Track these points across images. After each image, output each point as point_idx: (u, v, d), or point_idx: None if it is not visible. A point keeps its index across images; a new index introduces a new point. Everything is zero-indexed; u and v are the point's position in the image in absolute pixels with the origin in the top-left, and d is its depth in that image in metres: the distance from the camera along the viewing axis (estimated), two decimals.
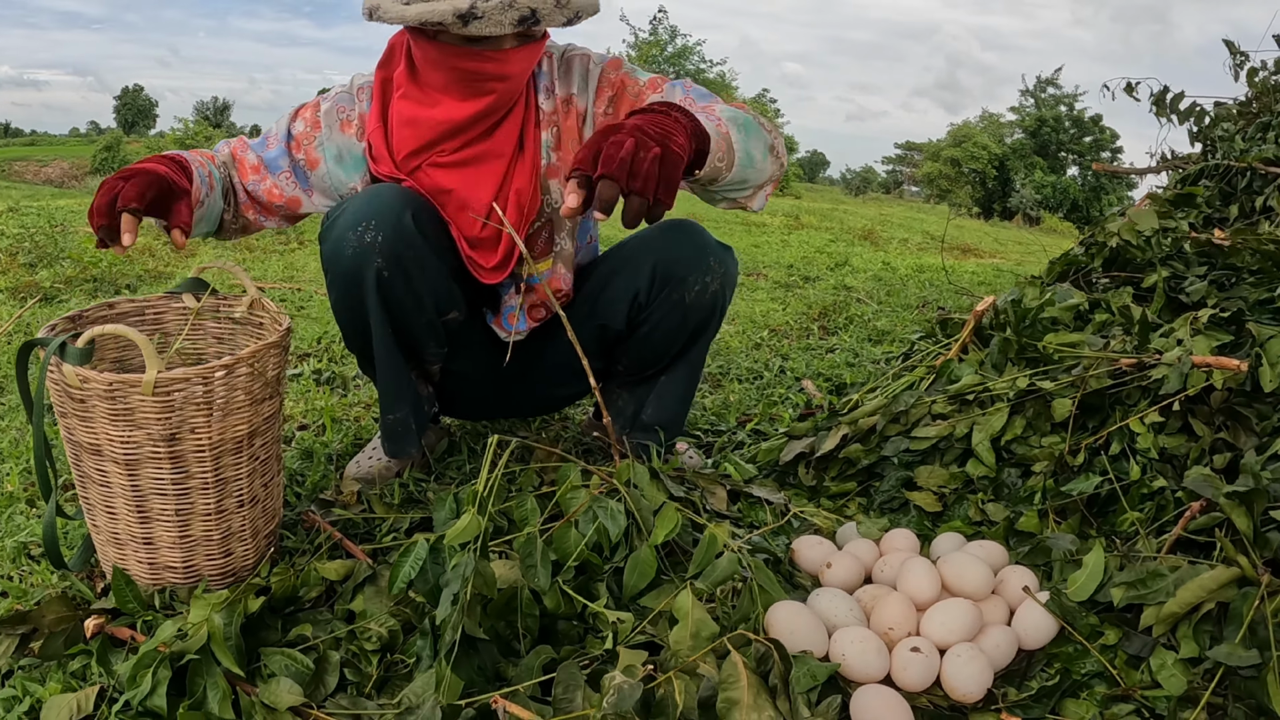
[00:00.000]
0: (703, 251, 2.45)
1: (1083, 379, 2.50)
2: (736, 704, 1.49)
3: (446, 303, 2.41)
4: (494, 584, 1.78)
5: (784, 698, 1.54)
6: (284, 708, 1.62)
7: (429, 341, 2.44)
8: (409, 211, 2.23)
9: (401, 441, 2.52)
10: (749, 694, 1.50)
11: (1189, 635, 1.78)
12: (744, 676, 1.52)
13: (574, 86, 2.40)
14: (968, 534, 2.31)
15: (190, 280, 2.28)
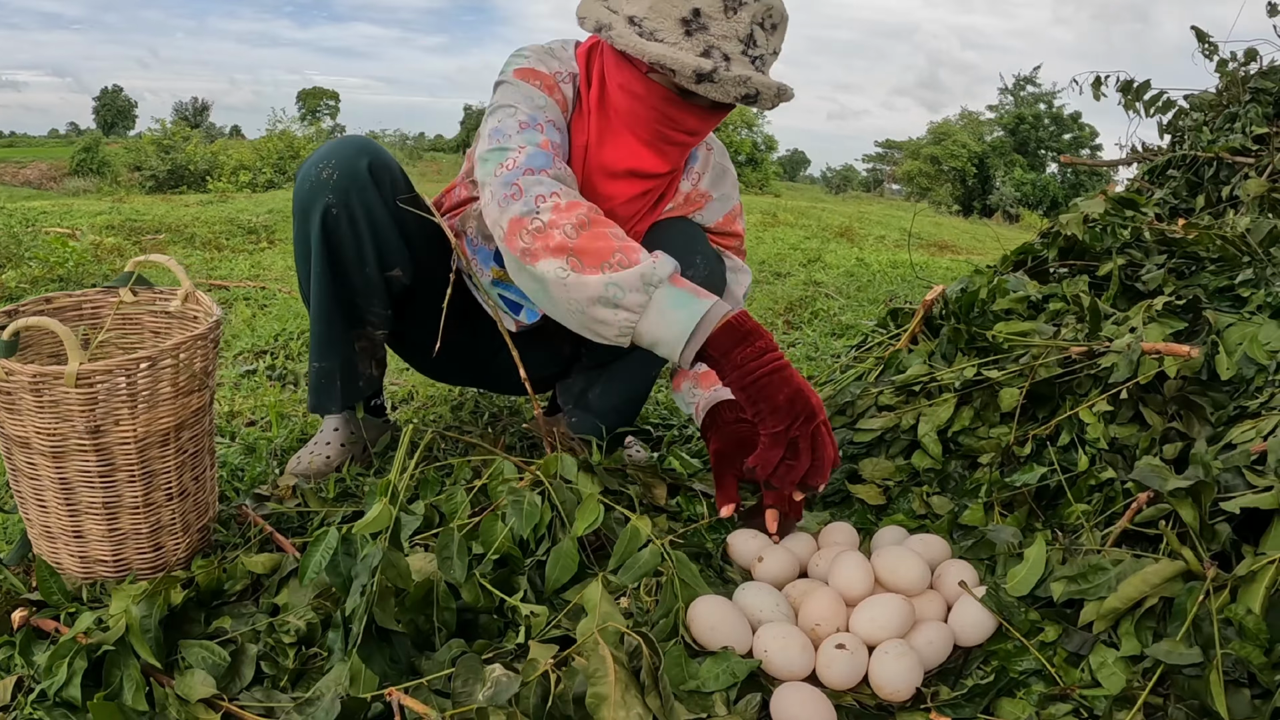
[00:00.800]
0: (691, 249, 2.46)
1: (1031, 368, 2.42)
2: (605, 699, 1.43)
3: (391, 257, 2.44)
4: (408, 576, 1.74)
5: (654, 694, 1.48)
6: (196, 699, 1.60)
7: (372, 299, 2.46)
8: (366, 159, 2.33)
9: (323, 395, 2.53)
10: (617, 689, 1.44)
11: (1131, 632, 1.69)
12: (612, 671, 1.45)
13: (714, 192, 2.56)
14: (911, 527, 2.23)
15: (126, 274, 2.26)
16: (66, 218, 8.01)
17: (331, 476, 2.56)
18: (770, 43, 2.15)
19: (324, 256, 2.37)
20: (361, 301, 2.44)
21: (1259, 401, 2.19)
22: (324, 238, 2.35)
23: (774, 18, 2.13)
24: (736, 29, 2.07)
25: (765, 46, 2.13)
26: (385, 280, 2.45)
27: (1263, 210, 3.54)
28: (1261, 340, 2.33)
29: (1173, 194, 4.29)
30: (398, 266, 2.46)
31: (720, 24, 2.06)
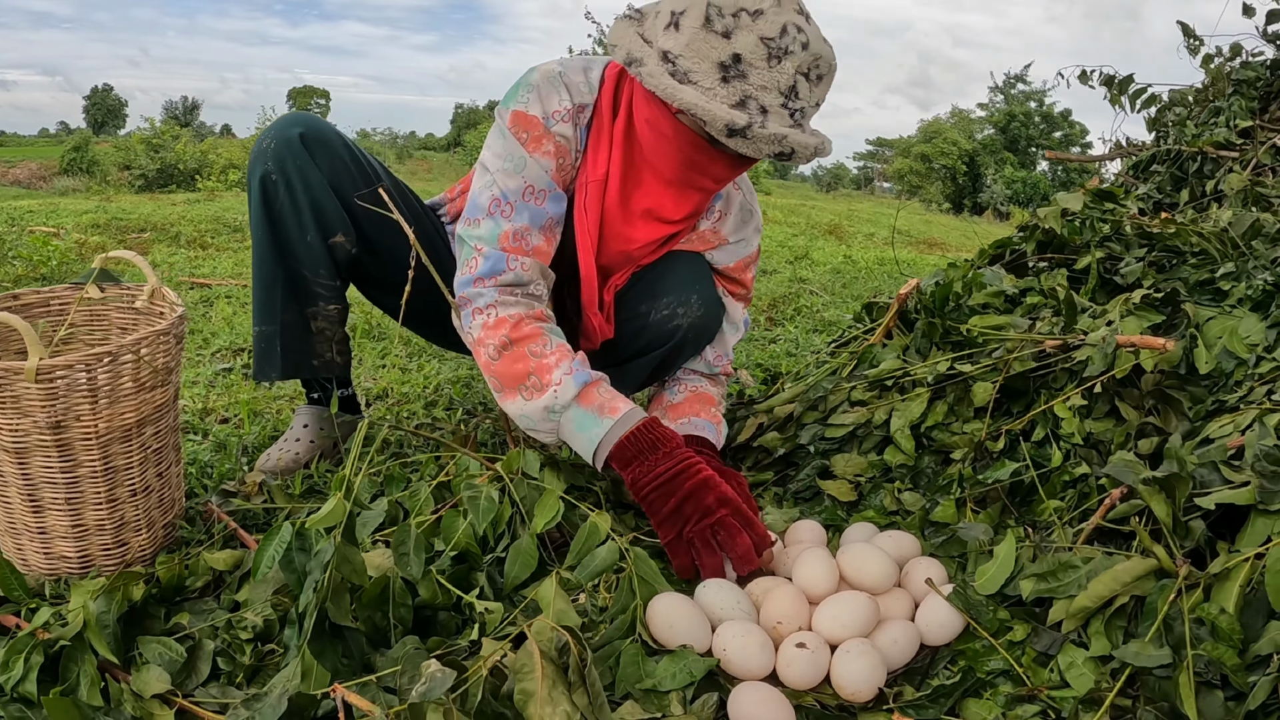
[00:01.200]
0: (690, 286, 2.42)
1: (1005, 362, 2.38)
2: (531, 695, 1.39)
3: (331, 223, 2.43)
4: (363, 571, 1.70)
5: (582, 690, 1.44)
6: (150, 695, 1.59)
7: (317, 267, 2.45)
8: (299, 129, 2.39)
9: (264, 361, 2.51)
10: (544, 685, 1.39)
11: (1101, 631, 1.65)
12: (539, 666, 1.41)
13: (733, 236, 2.50)
14: (882, 524, 2.20)
15: (92, 270, 2.25)
16: (53, 217, 7.97)
17: (299, 473, 2.53)
18: (814, 94, 2.05)
19: (264, 222, 2.40)
20: (308, 272, 2.43)
21: (1238, 395, 2.15)
22: (263, 204, 2.39)
23: (821, 68, 2.03)
24: (778, 80, 1.97)
25: (808, 98, 2.03)
26: (329, 248, 2.45)
27: (1246, 204, 3.51)
28: (1241, 333, 2.30)
29: (1157, 189, 4.26)
30: (340, 233, 2.45)
31: (761, 73, 1.96)
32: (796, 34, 1.96)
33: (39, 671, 1.60)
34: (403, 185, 2.67)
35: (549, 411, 2.11)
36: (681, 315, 2.39)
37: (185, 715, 1.58)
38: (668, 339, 2.42)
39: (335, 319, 2.54)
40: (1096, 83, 5.09)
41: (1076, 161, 6.41)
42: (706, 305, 2.42)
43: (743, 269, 2.54)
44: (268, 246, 2.42)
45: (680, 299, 2.38)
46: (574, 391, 2.10)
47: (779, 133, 1.94)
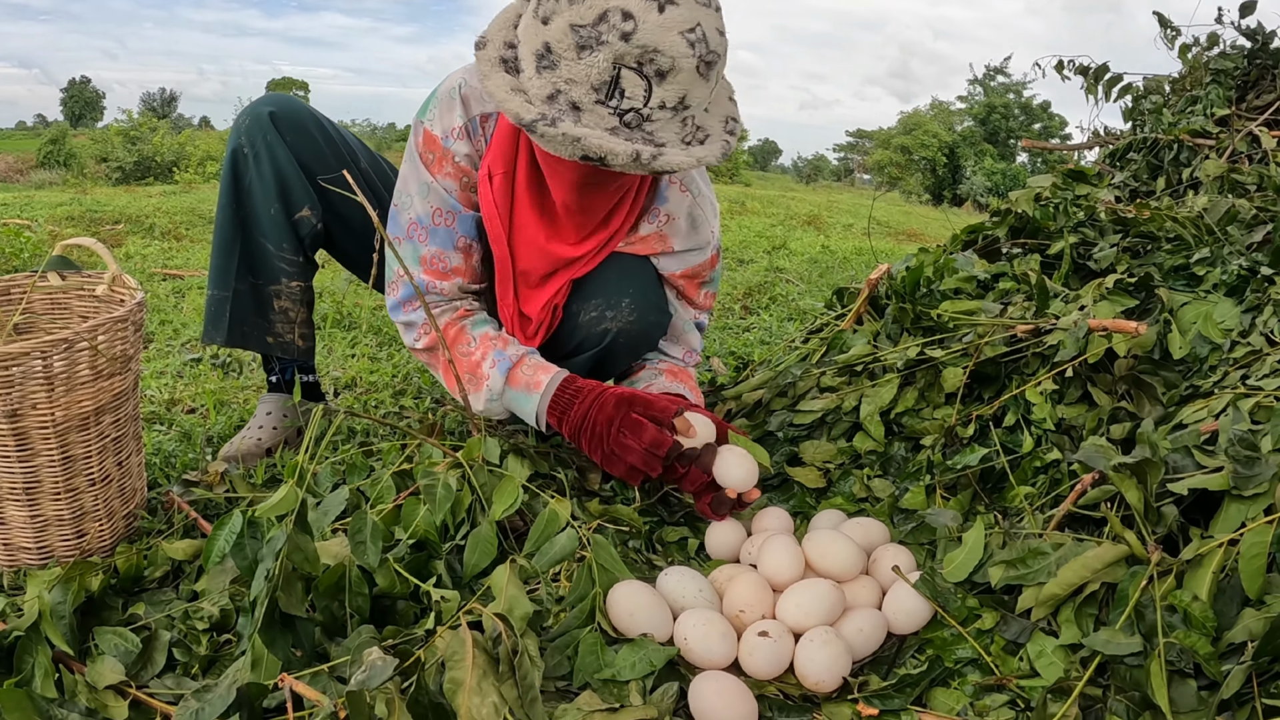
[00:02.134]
0: (621, 289, 2.35)
1: (976, 347, 2.35)
2: (460, 685, 1.34)
3: (296, 198, 2.46)
4: (316, 559, 1.65)
5: (511, 682, 1.40)
6: (104, 686, 1.56)
7: (281, 241, 2.48)
8: (270, 108, 2.44)
9: (212, 325, 2.53)
10: (474, 674, 1.35)
11: (1071, 619, 1.63)
12: (470, 655, 1.37)
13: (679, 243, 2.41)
14: (851, 511, 2.17)
15: (55, 259, 2.23)
16: (27, 209, 7.90)
17: (261, 462, 2.50)
18: (656, 94, 1.80)
19: (230, 192, 2.45)
20: (271, 245, 2.46)
21: (1212, 380, 2.13)
22: (232, 175, 2.44)
23: (659, 63, 1.76)
24: (589, 73, 1.77)
25: (643, 98, 1.80)
26: (293, 223, 2.48)
27: (1222, 190, 3.49)
28: (1216, 318, 2.28)
29: (1133, 176, 4.26)
30: (305, 207, 2.47)
31: (570, 64, 1.78)
32: (620, 22, 1.73)
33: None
34: (384, 163, 2.69)
35: (491, 401, 2.27)
36: (610, 319, 2.35)
37: (139, 706, 1.55)
38: (598, 341, 2.39)
39: (298, 297, 2.53)
40: (1071, 72, 5.09)
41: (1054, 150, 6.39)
42: (640, 310, 2.35)
43: (693, 277, 2.47)
44: (230, 215, 2.46)
45: (609, 302, 2.34)
46: (501, 379, 2.25)
47: (573, 133, 1.76)
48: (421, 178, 2.26)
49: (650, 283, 2.39)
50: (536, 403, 2.21)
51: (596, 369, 2.46)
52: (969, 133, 48.57)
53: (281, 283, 2.50)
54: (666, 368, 2.51)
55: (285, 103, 2.50)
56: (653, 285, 2.40)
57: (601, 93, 1.78)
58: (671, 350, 2.55)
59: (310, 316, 2.60)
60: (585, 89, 1.78)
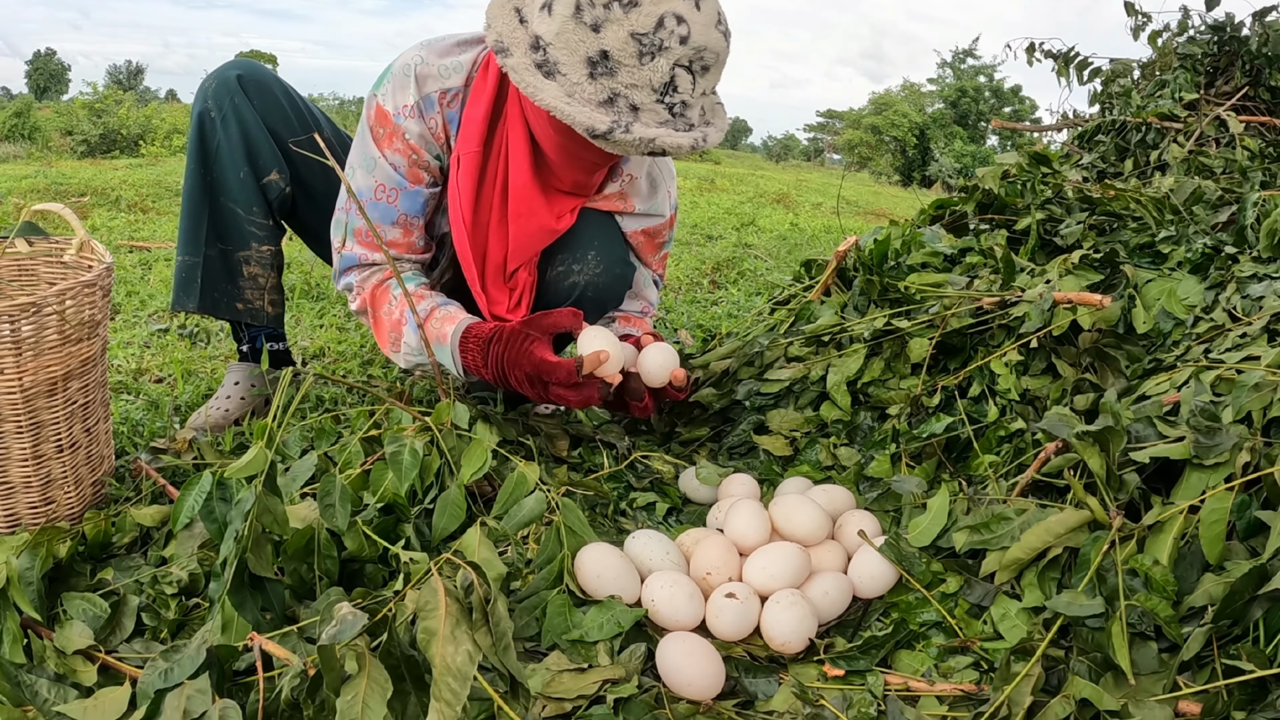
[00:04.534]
0: (587, 243, 2.39)
1: (942, 318, 2.37)
2: (434, 635, 1.35)
3: (264, 161, 2.47)
4: (285, 522, 1.65)
5: (484, 630, 1.41)
6: (73, 650, 1.57)
7: (251, 205, 2.48)
8: (237, 71, 2.44)
9: (183, 291, 2.52)
10: (447, 624, 1.35)
11: (1034, 583, 1.65)
12: (443, 604, 1.37)
13: (640, 204, 2.44)
14: (817, 479, 2.19)
15: (24, 225, 2.22)
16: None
17: (230, 430, 2.50)
18: (699, 85, 1.94)
19: (197, 155, 2.44)
20: (241, 210, 2.46)
21: (1175, 354, 2.16)
22: (199, 140, 2.43)
23: (706, 59, 1.92)
24: (651, 77, 1.87)
25: (689, 91, 1.93)
26: (261, 187, 2.48)
27: (1189, 173, 3.54)
28: (1180, 294, 2.31)
29: (1101, 158, 4.30)
30: (274, 170, 2.48)
31: (632, 70, 1.87)
32: (675, 26, 1.85)
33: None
34: (344, 135, 2.66)
35: (413, 356, 2.31)
36: (577, 272, 2.38)
37: (108, 671, 1.56)
38: (566, 296, 2.41)
39: (269, 262, 2.53)
40: (1041, 55, 5.12)
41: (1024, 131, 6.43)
42: (605, 263, 2.40)
43: (652, 236, 2.51)
44: (199, 180, 2.45)
45: (575, 255, 2.37)
46: (415, 337, 2.25)
47: (647, 136, 1.87)
48: (369, 152, 2.27)
49: (614, 238, 2.43)
50: (449, 355, 2.22)
51: None
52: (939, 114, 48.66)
53: (251, 248, 2.50)
54: (621, 316, 2.55)
55: (251, 67, 2.49)
56: (617, 240, 2.44)
57: (660, 92, 1.89)
58: (630, 305, 2.58)
59: (280, 282, 2.60)
60: (646, 91, 1.90)
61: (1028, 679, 1.44)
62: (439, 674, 1.29)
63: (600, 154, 2.10)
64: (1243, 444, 1.62)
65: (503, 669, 1.41)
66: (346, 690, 1.27)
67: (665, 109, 1.91)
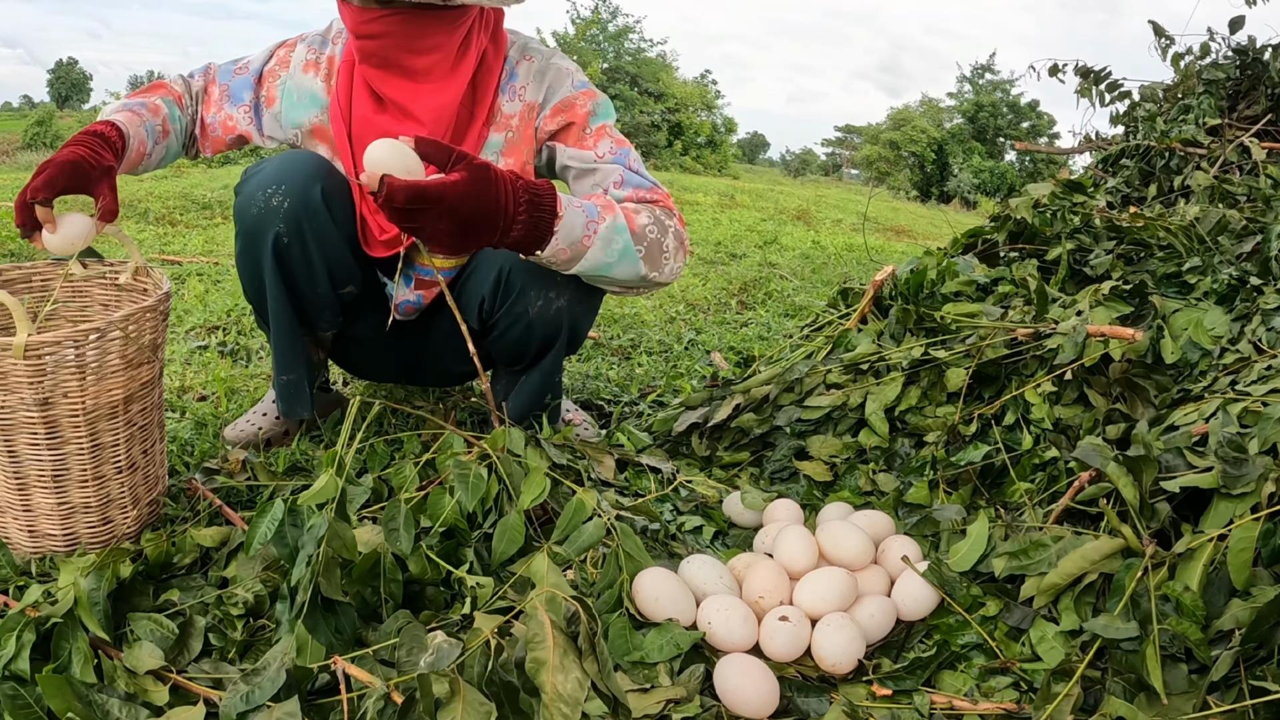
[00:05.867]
0: (540, 274, 2.32)
1: (978, 349, 2.45)
2: (544, 664, 1.44)
3: (344, 277, 2.40)
4: (354, 546, 1.73)
5: (592, 658, 1.49)
6: (144, 671, 1.60)
7: (324, 311, 2.44)
8: (319, 184, 2.26)
9: (294, 403, 2.51)
10: (556, 654, 1.45)
11: (1070, 607, 1.73)
12: (550, 636, 1.46)
13: (541, 95, 2.35)
14: (857, 504, 2.26)
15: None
16: (18, 191, 7.85)
17: (282, 451, 2.54)
18: None
19: (279, 284, 2.34)
20: (312, 313, 2.44)
21: (1202, 385, 2.23)
22: (278, 266, 2.31)
23: None
24: None
25: None
26: (338, 296, 2.44)
27: (1213, 200, 3.59)
28: (1206, 325, 2.37)
29: (1125, 183, 4.34)
30: (350, 284, 2.44)
31: None
32: None
33: (30, 650, 1.59)
34: None
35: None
36: (555, 297, 2.35)
37: (178, 691, 1.59)
38: (557, 325, 2.41)
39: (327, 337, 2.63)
40: (1070, 74, 5.16)
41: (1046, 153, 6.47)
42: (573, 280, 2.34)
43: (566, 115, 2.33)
44: (283, 302, 2.37)
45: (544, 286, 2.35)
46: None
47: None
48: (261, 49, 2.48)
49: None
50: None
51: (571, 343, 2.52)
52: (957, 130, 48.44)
53: (316, 336, 2.57)
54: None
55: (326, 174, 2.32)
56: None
57: None
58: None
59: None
60: None
61: (1068, 698, 1.53)
62: (549, 700, 1.38)
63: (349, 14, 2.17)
64: (1269, 475, 1.69)
65: (607, 693, 1.48)
66: (442, 715, 1.34)
67: None
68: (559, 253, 2.02)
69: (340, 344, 2.70)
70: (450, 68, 2.25)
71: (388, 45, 2.18)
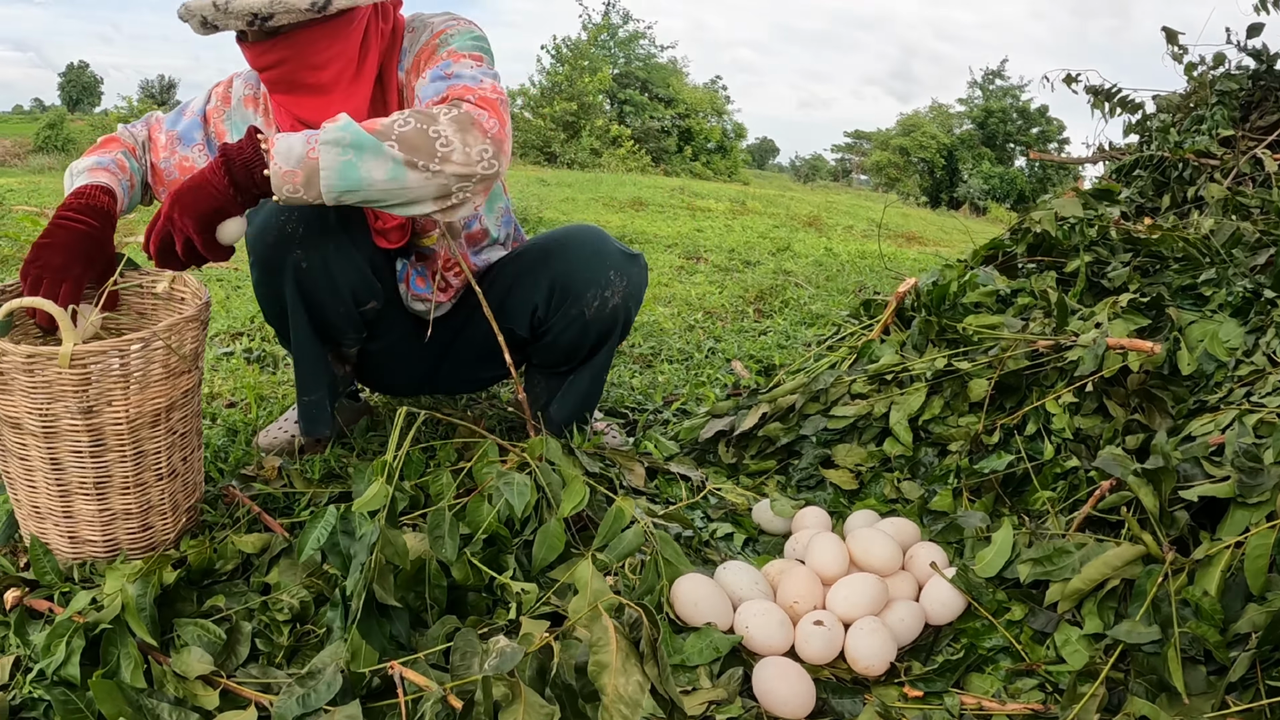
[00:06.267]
0: (601, 265, 2.43)
1: (1000, 360, 2.51)
2: (606, 667, 1.50)
3: (364, 294, 2.40)
4: (405, 554, 1.78)
5: (653, 662, 1.54)
6: (194, 676, 1.63)
7: (346, 329, 2.44)
8: (333, 209, 2.18)
9: (316, 422, 2.51)
10: (618, 657, 1.50)
11: (1094, 612, 1.80)
12: (613, 640, 1.52)
13: (414, 53, 2.33)
14: (883, 511, 2.32)
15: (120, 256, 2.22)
16: (34, 196, 7.83)
17: (315, 457, 2.58)
18: None
19: (301, 308, 2.35)
20: (336, 333, 2.45)
21: (1218, 396, 2.30)
22: (298, 290, 2.32)
23: None
24: None
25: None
26: (361, 313, 2.44)
27: (1226, 212, 3.63)
28: (1222, 338, 2.43)
29: (1139, 193, 4.37)
30: (372, 300, 2.43)
31: None
32: None
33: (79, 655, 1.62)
34: None
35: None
36: (610, 295, 2.42)
37: (227, 695, 1.62)
38: (613, 320, 2.47)
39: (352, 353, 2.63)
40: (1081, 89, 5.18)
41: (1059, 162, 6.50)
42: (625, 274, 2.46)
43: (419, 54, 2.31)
44: (305, 326, 2.39)
45: (600, 285, 2.42)
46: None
47: (187, 4, 2.05)
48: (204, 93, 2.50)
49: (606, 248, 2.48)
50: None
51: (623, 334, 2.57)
52: (967, 135, 48.24)
53: (340, 351, 2.57)
54: None
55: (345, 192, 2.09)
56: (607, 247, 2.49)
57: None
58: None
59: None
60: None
61: (1094, 698, 1.60)
62: (610, 701, 1.44)
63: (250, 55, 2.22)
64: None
65: (665, 695, 1.54)
66: (503, 718, 1.40)
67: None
68: (291, 176, 1.90)
69: (362, 359, 2.69)
70: (355, 72, 2.26)
71: (289, 69, 2.20)
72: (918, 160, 47.66)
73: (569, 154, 29.42)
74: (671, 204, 11.40)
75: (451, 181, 1.97)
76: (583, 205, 10.34)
